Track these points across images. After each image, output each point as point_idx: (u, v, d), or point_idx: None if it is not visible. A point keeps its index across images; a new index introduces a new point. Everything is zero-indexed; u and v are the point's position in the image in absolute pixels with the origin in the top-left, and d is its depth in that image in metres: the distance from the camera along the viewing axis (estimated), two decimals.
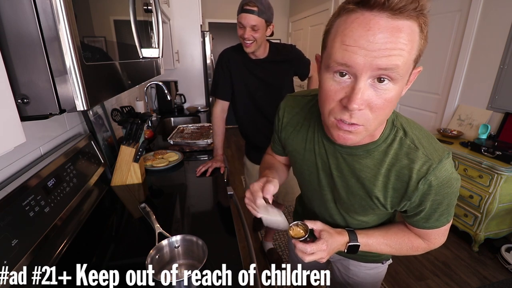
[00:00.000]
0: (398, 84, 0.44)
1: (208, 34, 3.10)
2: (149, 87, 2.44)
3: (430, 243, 0.66)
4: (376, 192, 0.59)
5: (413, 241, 0.66)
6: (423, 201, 0.56)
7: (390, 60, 0.40)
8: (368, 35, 0.40)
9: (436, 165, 0.52)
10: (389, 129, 0.56)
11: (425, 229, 0.63)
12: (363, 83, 0.43)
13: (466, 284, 1.70)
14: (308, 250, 0.61)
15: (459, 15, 2.39)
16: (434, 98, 2.72)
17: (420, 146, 0.54)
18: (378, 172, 0.57)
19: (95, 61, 0.48)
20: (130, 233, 0.91)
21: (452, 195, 0.56)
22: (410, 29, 0.40)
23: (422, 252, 0.68)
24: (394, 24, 0.39)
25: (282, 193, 1.67)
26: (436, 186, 0.53)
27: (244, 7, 1.16)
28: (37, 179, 0.74)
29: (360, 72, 0.42)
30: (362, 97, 0.43)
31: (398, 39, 0.39)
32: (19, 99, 0.40)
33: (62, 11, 0.38)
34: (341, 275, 0.91)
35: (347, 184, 0.62)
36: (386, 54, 0.40)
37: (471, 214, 1.92)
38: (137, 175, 1.19)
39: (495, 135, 2.05)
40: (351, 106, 0.43)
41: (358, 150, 0.58)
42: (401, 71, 0.41)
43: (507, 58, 2.00)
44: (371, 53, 0.40)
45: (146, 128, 1.76)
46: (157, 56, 0.94)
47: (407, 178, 0.54)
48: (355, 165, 0.59)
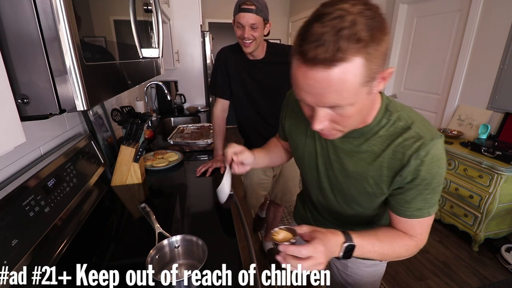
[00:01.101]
0: (355, 104, 0.48)
1: (208, 34, 3.10)
2: (149, 87, 2.44)
3: (417, 239, 0.64)
4: (372, 172, 0.61)
5: (403, 238, 0.64)
6: (414, 178, 0.57)
7: (330, 99, 0.47)
8: (308, 85, 0.46)
9: (428, 142, 0.55)
10: (382, 113, 0.59)
11: (408, 218, 0.62)
12: (320, 111, 0.50)
13: (466, 284, 1.70)
14: (303, 253, 0.52)
15: (459, 15, 2.39)
16: (434, 98, 2.72)
17: (413, 126, 0.57)
18: (373, 153, 0.60)
19: (95, 61, 0.48)
20: (130, 233, 0.91)
21: (440, 177, 0.57)
22: (347, 70, 0.43)
23: (412, 252, 0.65)
24: (328, 73, 0.43)
25: (280, 194, 1.67)
26: (427, 162, 0.55)
27: (241, 6, 1.15)
28: (37, 179, 0.74)
29: (315, 105, 0.50)
30: (321, 121, 0.51)
31: (332, 85, 0.44)
32: (19, 99, 0.40)
33: (62, 11, 0.38)
34: (339, 274, 0.91)
35: (344, 167, 0.65)
36: (327, 96, 0.46)
37: (471, 214, 1.92)
38: (137, 175, 1.19)
39: (495, 135, 2.05)
40: (313, 128, 0.53)
41: (353, 133, 0.61)
42: (346, 102, 0.47)
43: (507, 58, 2.00)
44: (315, 95, 0.47)
45: (146, 128, 1.76)
46: (157, 56, 0.94)
47: (400, 155, 0.57)
48: (352, 148, 0.63)
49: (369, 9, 0.43)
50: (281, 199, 1.68)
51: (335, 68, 0.43)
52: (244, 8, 1.15)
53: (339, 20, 0.42)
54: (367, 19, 0.42)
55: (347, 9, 0.42)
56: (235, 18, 1.21)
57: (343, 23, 0.41)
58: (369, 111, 0.57)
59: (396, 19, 3.01)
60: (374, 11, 0.44)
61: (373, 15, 0.43)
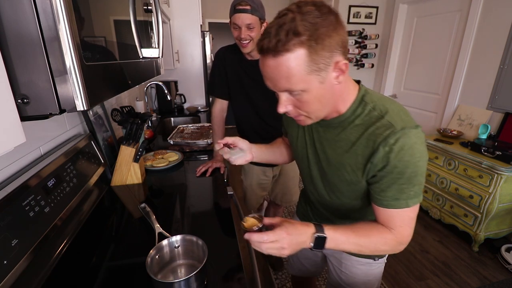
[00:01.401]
0: (309, 91, 0.56)
1: (208, 34, 3.10)
2: (149, 87, 2.44)
3: (396, 232, 0.63)
4: (348, 160, 0.65)
5: (381, 231, 0.63)
6: (384, 165, 0.59)
7: (282, 84, 0.56)
8: (265, 71, 0.57)
9: (398, 130, 0.57)
10: (357, 104, 0.63)
11: (385, 208, 0.62)
12: (283, 95, 0.59)
13: (466, 284, 1.70)
14: (265, 238, 0.57)
15: (459, 15, 2.39)
16: (434, 98, 2.72)
17: (387, 116, 0.59)
18: (350, 141, 0.64)
19: (95, 61, 0.48)
20: (130, 233, 0.91)
21: (414, 167, 0.58)
22: (291, 59, 0.52)
23: (392, 246, 0.64)
24: (275, 61, 0.53)
25: (280, 195, 1.67)
26: (396, 150, 0.56)
27: (236, 7, 1.15)
28: (37, 179, 0.74)
29: (274, 89, 0.59)
30: (284, 105, 0.60)
31: (281, 72, 0.54)
32: (19, 99, 0.40)
33: (62, 11, 0.38)
34: (334, 271, 0.92)
35: (327, 156, 0.70)
36: (279, 81, 0.55)
37: (471, 214, 1.92)
38: (137, 175, 1.19)
39: (495, 135, 2.05)
40: (278, 111, 0.61)
41: (332, 123, 0.67)
42: (297, 87, 0.55)
43: (507, 58, 2.00)
44: (271, 80, 0.57)
45: (146, 128, 1.76)
46: (157, 56, 0.94)
47: (372, 143, 0.59)
48: (332, 137, 0.68)
49: (317, 10, 0.52)
50: (281, 200, 1.68)
51: (280, 57, 0.52)
52: (239, 9, 1.15)
53: (283, 18, 0.52)
54: (310, 17, 0.51)
55: (292, 9, 0.52)
56: (231, 19, 1.21)
57: (285, 19, 0.51)
58: (336, 100, 0.61)
59: (396, 19, 3.01)
60: (322, 11, 0.52)
61: (319, 14, 0.51)
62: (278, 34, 0.51)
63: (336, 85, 0.58)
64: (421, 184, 0.61)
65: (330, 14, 0.53)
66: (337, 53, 0.54)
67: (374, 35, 3.23)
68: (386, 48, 3.19)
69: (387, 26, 3.17)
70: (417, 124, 0.59)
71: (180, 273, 0.73)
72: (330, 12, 0.53)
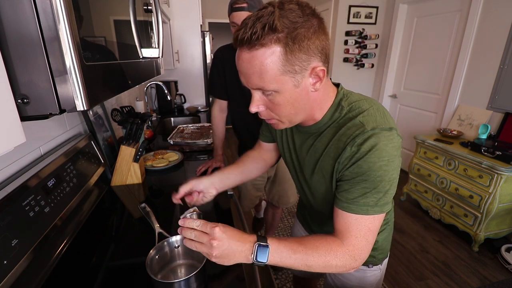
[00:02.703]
0: (281, 92, 0.53)
1: (208, 34, 3.10)
2: (149, 87, 2.44)
3: (349, 243, 0.57)
4: (322, 163, 0.63)
5: (331, 243, 0.57)
6: (350, 165, 0.56)
7: (254, 80, 0.53)
8: (239, 65, 0.54)
9: (368, 130, 0.54)
10: (333, 109, 0.61)
11: (344, 212, 0.58)
12: (255, 93, 0.57)
13: (466, 284, 1.70)
14: (197, 224, 0.55)
15: (459, 15, 2.39)
16: (434, 98, 2.72)
17: (360, 116, 0.57)
18: (326, 145, 0.62)
19: (95, 61, 0.48)
20: (130, 233, 0.91)
21: (381, 171, 0.53)
22: (266, 54, 0.49)
23: (342, 261, 0.57)
24: (250, 55, 0.51)
25: (276, 196, 1.67)
26: (363, 150, 0.54)
27: (233, 6, 1.15)
28: (37, 179, 0.74)
29: (247, 86, 0.56)
30: (255, 103, 0.58)
31: (254, 67, 0.51)
32: (19, 99, 0.40)
33: (62, 11, 0.38)
34: (329, 275, 0.91)
35: (306, 163, 0.69)
36: (252, 77, 0.53)
37: (471, 214, 1.92)
38: (137, 175, 1.19)
39: (495, 135, 2.05)
40: (250, 110, 0.59)
41: (309, 130, 0.65)
42: (269, 86, 0.52)
43: (507, 58, 2.00)
44: (244, 76, 0.54)
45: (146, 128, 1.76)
46: (157, 56, 0.94)
47: (341, 144, 0.58)
48: (310, 143, 0.66)
49: (300, 9, 0.50)
50: (278, 201, 1.69)
51: (255, 51, 0.50)
52: (236, 7, 1.14)
53: (263, 11, 0.50)
54: (292, 15, 0.49)
55: (273, 4, 0.50)
56: (229, 18, 1.20)
57: (264, 12, 0.49)
58: (312, 107, 0.59)
59: (396, 19, 3.01)
60: (304, 12, 0.50)
61: (301, 14, 0.49)
62: (254, 26, 0.48)
63: (313, 92, 0.56)
64: (386, 193, 0.56)
65: (313, 17, 0.51)
66: (315, 58, 0.52)
67: (374, 35, 3.23)
68: (386, 48, 3.19)
69: (387, 26, 3.17)
70: (391, 127, 0.55)
71: (180, 273, 0.73)
72: (313, 14, 0.51)
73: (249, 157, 0.92)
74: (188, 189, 0.77)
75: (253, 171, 0.91)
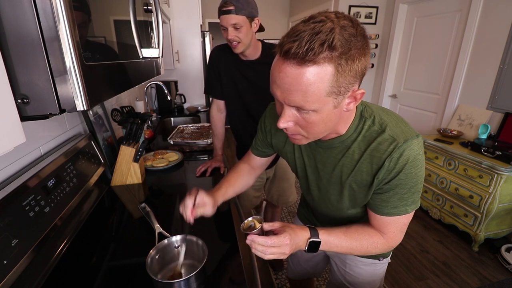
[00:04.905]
0: (320, 112, 0.51)
1: (208, 34, 3.10)
2: (149, 87, 2.44)
3: (388, 238, 0.65)
4: (353, 178, 0.64)
5: (373, 236, 0.66)
6: (390, 180, 0.59)
7: (296, 98, 0.49)
8: (280, 78, 0.49)
9: (401, 144, 0.56)
10: (357, 121, 0.61)
11: (383, 216, 0.63)
12: (288, 109, 0.52)
13: (466, 284, 1.70)
14: (269, 242, 0.57)
15: (459, 15, 2.39)
16: (434, 98, 2.72)
17: (387, 129, 0.58)
18: (353, 160, 0.62)
19: (95, 61, 0.48)
20: (130, 233, 0.91)
21: (416, 177, 0.58)
22: (317, 73, 0.46)
23: (382, 249, 0.67)
24: (298, 71, 0.46)
25: (276, 196, 1.68)
26: (400, 164, 0.56)
27: (221, 9, 1.14)
28: (37, 179, 0.74)
29: (283, 101, 0.52)
30: (286, 119, 0.53)
31: (300, 84, 0.47)
32: (19, 99, 0.40)
33: (62, 11, 0.38)
34: (339, 271, 0.92)
35: (329, 177, 0.68)
36: (293, 94, 0.48)
37: (471, 214, 1.92)
38: (137, 175, 1.19)
39: (495, 135, 2.05)
40: (278, 125, 0.55)
41: (333, 143, 0.64)
42: (310, 106, 0.49)
43: (507, 58, 2.00)
44: (284, 91, 0.50)
45: (146, 128, 1.77)
46: (157, 56, 0.94)
47: (376, 159, 0.59)
48: (335, 156, 0.65)
49: (353, 27, 0.46)
50: (277, 201, 1.69)
51: (305, 68, 0.46)
52: (223, 11, 1.13)
53: (320, 24, 0.45)
54: (346, 33, 0.45)
55: (331, 18, 0.46)
56: (219, 22, 1.19)
57: (322, 27, 0.45)
58: (337, 123, 0.58)
59: (396, 19, 3.01)
60: (357, 30, 0.47)
61: (355, 33, 0.46)
62: (312, 41, 0.44)
63: (345, 112, 0.55)
64: (420, 190, 0.61)
65: (364, 37, 0.48)
66: (358, 80, 0.50)
67: (374, 35, 3.23)
68: (386, 48, 3.19)
69: (387, 26, 3.17)
70: (417, 133, 0.59)
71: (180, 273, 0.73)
72: (363, 34, 0.48)
73: (241, 172, 0.90)
74: (192, 204, 0.72)
75: (245, 187, 0.90)
